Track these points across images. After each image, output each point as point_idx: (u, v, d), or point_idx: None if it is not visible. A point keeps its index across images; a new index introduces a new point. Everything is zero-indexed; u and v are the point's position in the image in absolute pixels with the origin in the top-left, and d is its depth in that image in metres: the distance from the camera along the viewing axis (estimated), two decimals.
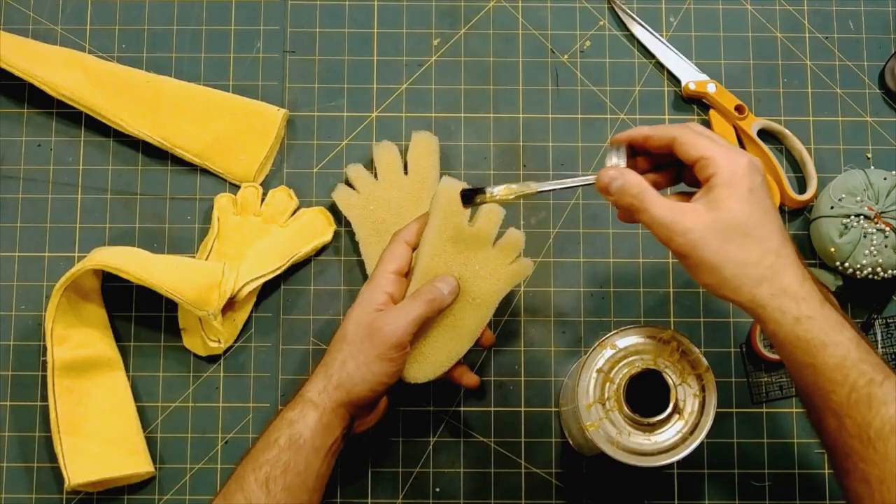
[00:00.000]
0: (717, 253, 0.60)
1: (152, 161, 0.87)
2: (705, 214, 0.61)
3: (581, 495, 0.83)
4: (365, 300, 0.73)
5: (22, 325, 0.85)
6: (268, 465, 0.68)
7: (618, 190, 0.64)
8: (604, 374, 0.71)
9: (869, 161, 0.88)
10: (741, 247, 0.60)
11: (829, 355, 0.59)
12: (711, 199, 0.61)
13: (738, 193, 0.60)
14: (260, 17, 0.90)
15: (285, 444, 0.69)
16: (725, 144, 0.63)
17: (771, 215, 0.61)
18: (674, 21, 0.90)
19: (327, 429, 0.70)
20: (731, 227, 0.60)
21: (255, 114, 0.87)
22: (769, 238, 0.61)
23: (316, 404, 0.70)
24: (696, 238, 0.60)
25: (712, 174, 0.61)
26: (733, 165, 0.61)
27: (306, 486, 0.69)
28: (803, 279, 0.61)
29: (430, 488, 0.83)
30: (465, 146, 0.88)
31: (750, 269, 0.60)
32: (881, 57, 0.90)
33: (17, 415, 0.83)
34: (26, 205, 0.87)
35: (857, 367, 0.59)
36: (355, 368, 0.71)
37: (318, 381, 0.71)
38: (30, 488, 0.82)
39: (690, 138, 0.63)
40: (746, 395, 0.85)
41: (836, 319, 0.60)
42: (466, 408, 0.84)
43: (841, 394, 0.59)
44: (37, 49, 0.87)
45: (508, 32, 0.90)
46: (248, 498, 0.67)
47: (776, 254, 0.60)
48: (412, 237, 0.75)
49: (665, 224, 0.61)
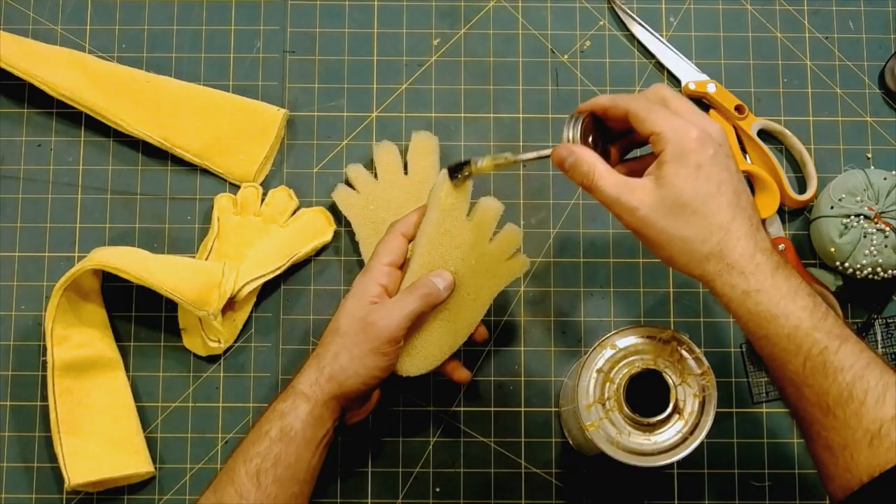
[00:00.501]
0: (664, 231, 0.61)
1: (152, 161, 0.87)
2: (652, 192, 0.61)
3: (581, 495, 0.83)
4: (359, 292, 0.72)
5: (22, 325, 0.85)
6: (258, 458, 0.68)
7: (570, 167, 0.64)
8: (604, 374, 0.71)
9: (869, 161, 0.88)
10: (687, 224, 0.60)
11: (781, 326, 0.59)
12: (659, 176, 0.60)
13: (685, 170, 0.60)
14: (260, 17, 0.90)
15: (276, 436, 0.69)
16: (680, 115, 0.62)
17: (722, 189, 0.60)
18: (674, 21, 0.90)
19: (318, 421, 0.70)
20: (677, 204, 0.60)
21: (255, 114, 0.87)
22: (716, 213, 0.60)
23: (307, 396, 0.70)
24: (642, 216, 0.61)
25: (661, 150, 0.61)
26: (681, 141, 0.60)
27: (297, 478, 0.69)
28: (755, 250, 0.60)
29: (430, 488, 0.83)
30: (465, 146, 0.88)
31: (696, 246, 0.60)
32: (881, 57, 0.90)
33: (17, 415, 0.83)
34: (26, 205, 0.87)
35: (811, 336, 0.59)
36: (348, 361, 0.70)
37: (310, 374, 0.71)
38: (30, 488, 0.82)
39: (644, 112, 0.62)
40: (746, 395, 0.85)
41: (788, 288, 0.60)
42: (466, 408, 0.84)
43: (796, 363, 0.59)
44: (37, 49, 0.87)
45: (508, 32, 0.90)
46: (239, 491, 0.67)
47: (725, 230, 0.60)
48: (409, 229, 0.74)
49: (613, 202, 0.62)
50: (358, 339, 0.70)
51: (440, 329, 0.75)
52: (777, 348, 0.60)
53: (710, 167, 0.60)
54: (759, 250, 0.60)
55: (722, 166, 0.61)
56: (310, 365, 0.72)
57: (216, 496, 0.68)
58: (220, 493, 0.68)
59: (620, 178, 0.62)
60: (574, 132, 0.65)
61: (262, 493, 0.67)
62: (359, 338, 0.70)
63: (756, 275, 0.60)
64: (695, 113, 0.62)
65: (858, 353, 0.59)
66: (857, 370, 0.58)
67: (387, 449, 0.83)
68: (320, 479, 0.82)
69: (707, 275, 0.61)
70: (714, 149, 0.60)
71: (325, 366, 0.71)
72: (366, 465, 0.83)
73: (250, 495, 0.67)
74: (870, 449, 0.57)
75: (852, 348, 0.59)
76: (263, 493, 0.67)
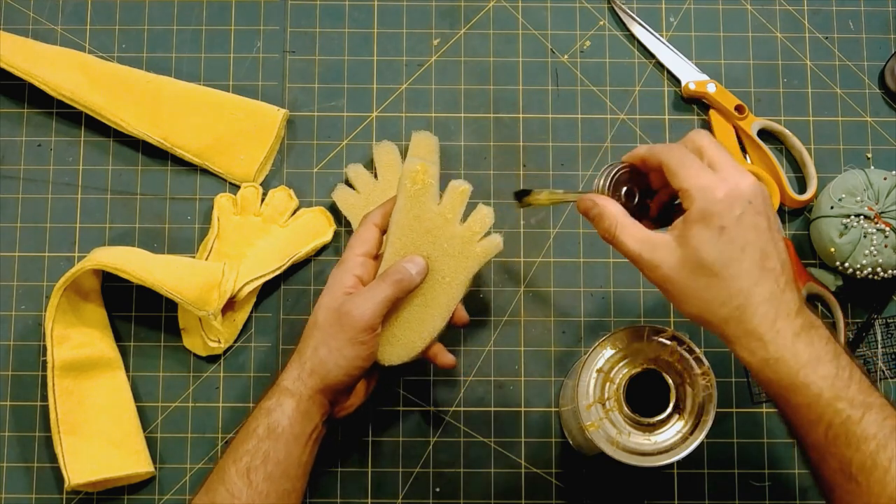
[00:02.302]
0: (684, 291, 0.60)
1: (152, 161, 0.87)
2: (674, 251, 0.60)
3: (581, 495, 0.83)
4: (334, 284, 0.73)
5: (22, 325, 0.85)
6: (248, 456, 0.68)
7: (594, 217, 0.64)
8: (604, 374, 0.71)
9: (869, 161, 0.88)
10: (707, 287, 0.59)
11: (802, 395, 0.58)
12: (682, 235, 0.59)
13: (708, 232, 0.58)
14: (260, 17, 0.90)
15: (264, 433, 0.69)
16: (714, 168, 0.60)
17: (747, 251, 0.59)
18: (674, 21, 0.90)
19: (305, 416, 0.70)
20: (697, 266, 0.59)
21: (255, 114, 0.87)
22: (737, 278, 0.59)
23: (292, 392, 0.70)
24: (663, 274, 0.60)
25: (687, 207, 0.60)
26: (707, 201, 0.58)
27: (288, 474, 0.69)
28: (776, 316, 0.59)
29: (430, 488, 0.83)
30: (465, 146, 0.88)
31: (715, 308, 0.59)
32: (881, 57, 0.90)
33: (17, 415, 0.83)
34: (26, 205, 0.87)
35: (832, 406, 0.58)
36: (327, 354, 0.70)
37: (292, 370, 0.71)
38: (30, 488, 0.82)
39: (675, 165, 0.60)
40: (746, 395, 0.85)
41: (809, 356, 0.58)
42: (466, 408, 0.84)
43: (818, 432, 0.58)
44: (37, 49, 0.87)
45: (508, 32, 0.90)
46: (231, 490, 0.67)
47: (745, 294, 0.59)
48: (381, 219, 0.74)
49: (636, 258, 0.61)
50: (334, 330, 0.70)
51: (417, 315, 0.75)
52: (798, 416, 0.59)
53: (734, 229, 0.58)
54: (782, 315, 0.59)
55: (749, 226, 0.59)
56: (292, 361, 0.72)
57: (208, 497, 0.68)
58: (211, 493, 0.68)
59: (643, 234, 0.61)
60: (604, 182, 0.65)
61: (253, 492, 0.67)
62: (335, 329, 0.70)
63: (776, 342, 0.58)
64: (729, 166, 0.60)
65: (882, 420, 0.58)
66: (881, 439, 0.57)
67: (387, 449, 0.83)
68: (320, 479, 0.82)
69: (727, 337, 0.60)
70: (742, 208, 0.58)
71: (306, 360, 0.71)
72: (366, 465, 0.83)
73: (242, 494, 0.67)
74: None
75: (875, 417, 0.58)
76: (255, 492, 0.67)
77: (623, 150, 0.87)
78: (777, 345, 0.58)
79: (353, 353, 0.70)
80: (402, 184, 0.74)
